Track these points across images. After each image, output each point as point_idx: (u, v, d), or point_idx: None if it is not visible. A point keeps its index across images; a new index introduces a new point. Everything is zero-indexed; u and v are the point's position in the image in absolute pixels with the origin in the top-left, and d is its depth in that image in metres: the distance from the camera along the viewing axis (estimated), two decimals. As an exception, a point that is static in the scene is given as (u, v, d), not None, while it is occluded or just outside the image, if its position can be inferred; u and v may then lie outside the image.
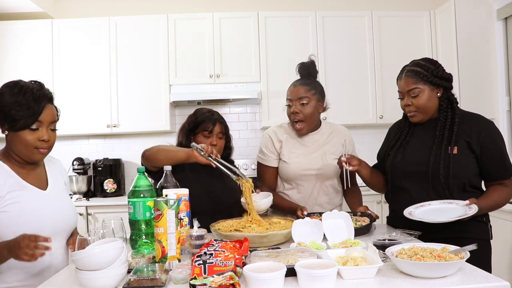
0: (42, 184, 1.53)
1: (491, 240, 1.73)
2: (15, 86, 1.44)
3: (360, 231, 1.65)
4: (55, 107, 1.52)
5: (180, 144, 2.08)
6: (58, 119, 1.53)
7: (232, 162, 2.13)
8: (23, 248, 1.23)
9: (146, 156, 1.92)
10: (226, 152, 2.14)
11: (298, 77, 2.10)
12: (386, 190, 1.95)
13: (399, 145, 1.84)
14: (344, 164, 1.82)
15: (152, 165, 1.89)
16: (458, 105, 1.76)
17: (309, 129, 2.07)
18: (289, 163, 2.05)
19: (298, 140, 2.10)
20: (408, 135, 1.84)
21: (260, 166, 2.16)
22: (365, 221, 1.74)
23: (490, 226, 1.74)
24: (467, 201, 1.58)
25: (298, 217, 1.87)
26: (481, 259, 1.37)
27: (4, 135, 1.47)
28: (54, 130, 1.50)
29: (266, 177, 2.13)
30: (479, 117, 1.75)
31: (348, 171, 1.85)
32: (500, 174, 1.70)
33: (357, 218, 1.79)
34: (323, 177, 2.05)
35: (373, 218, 1.78)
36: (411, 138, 1.83)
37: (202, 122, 2.03)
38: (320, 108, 2.06)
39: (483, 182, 1.76)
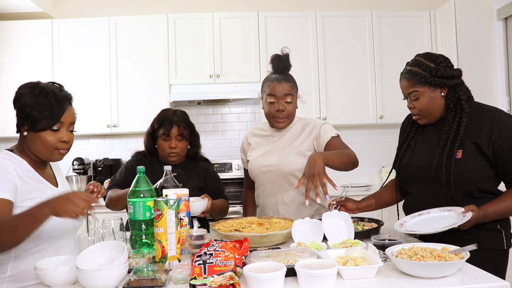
0: (53, 182, 1.55)
1: (510, 249, 1.57)
2: (36, 87, 1.45)
3: (365, 234, 1.61)
4: (74, 108, 1.54)
5: (146, 146, 2.16)
6: (75, 120, 1.55)
7: (206, 160, 2.21)
8: (75, 201, 1.23)
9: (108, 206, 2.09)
10: (193, 151, 2.15)
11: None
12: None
13: (407, 145, 1.74)
14: (330, 208, 1.72)
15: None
16: (471, 100, 1.62)
17: (288, 124, 2.02)
18: (250, 161, 2.07)
19: (266, 138, 2.07)
20: (417, 133, 1.74)
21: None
22: (373, 226, 1.71)
23: (506, 234, 1.56)
24: (463, 209, 1.45)
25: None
26: (494, 270, 1.24)
27: (13, 135, 1.49)
28: (72, 131, 1.52)
29: (245, 178, 2.23)
30: (494, 112, 1.57)
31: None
32: None
33: (365, 223, 1.77)
34: (282, 173, 1.96)
35: (380, 223, 1.73)
36: (419, 138, 1.72)
37: (161, 125, 2.05)
38: (297, 103, 2.04)
39: (503, 184, 1.59)
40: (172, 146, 2.03)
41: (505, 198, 1.52)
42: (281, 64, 2.02)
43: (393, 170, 1.87)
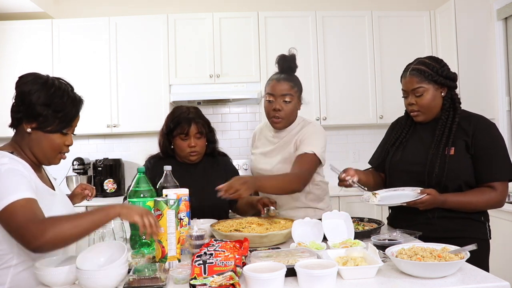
0: (50, 186, 1.46)
1: (490, 240, 1.70)
2: (50, 85, 1.34)
3: (365, 234, 1.60)
4: None
5: (162, 148, 2.06)
6: None
7: (224, 155, 2.16)
8: (145, 219, 1.23)
9: None
10: (211, 147, 2.09)
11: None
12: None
13: (399, 143, 1.83)
14: (350, 182, 1.69)
15: None
16: (461, 106, 1.73)
17: (286, 126, 2.01)
18: (252, 159, 2.15)
19: (268, 139, 2.09)
20: (409, 133, 1.83)
21: None
22: (373, 226, 1.72)
23: (489, 226, 1.71)
24: (419, 189, 1.60)
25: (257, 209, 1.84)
26: (479, 259, 1.34)
27: (12, 132, 1.39)
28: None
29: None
30: (480, 117, 1.72)
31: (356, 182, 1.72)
32: (486, 175, 1.63)
33: (365, 223, 1.77)
34: None
35: (381, 223, 1.74)
36: (411, 137, 1.82)
37: (178, 124, 1.96)
38: (298, 105, 2.01)
39: None
40: (192, 144, 1.96)
41: (469, 193, 1.65)
42: (286, 64, 1.98)
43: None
